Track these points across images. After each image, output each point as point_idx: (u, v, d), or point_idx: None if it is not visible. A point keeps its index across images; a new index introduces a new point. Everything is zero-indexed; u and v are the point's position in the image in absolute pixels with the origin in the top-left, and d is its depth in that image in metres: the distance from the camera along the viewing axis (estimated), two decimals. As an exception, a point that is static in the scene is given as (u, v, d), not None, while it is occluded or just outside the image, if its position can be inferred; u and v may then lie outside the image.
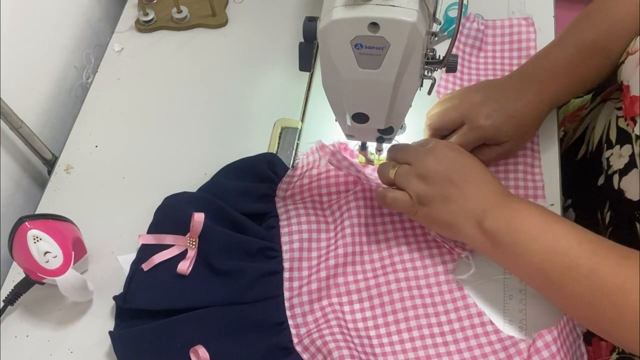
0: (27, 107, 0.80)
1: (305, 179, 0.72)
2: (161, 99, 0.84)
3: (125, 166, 0.78)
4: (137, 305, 0.65)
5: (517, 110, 0.67)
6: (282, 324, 0.64)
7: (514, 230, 0.59)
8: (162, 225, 0.70)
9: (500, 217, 0.60)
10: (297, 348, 0.62)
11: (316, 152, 0.73)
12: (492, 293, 0.66)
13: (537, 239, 0.58)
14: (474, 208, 0.61)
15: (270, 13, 0.91)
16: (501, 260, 0.62)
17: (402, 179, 0.64)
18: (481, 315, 0.64)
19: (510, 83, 0.70)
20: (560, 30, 0.75)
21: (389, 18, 0.52)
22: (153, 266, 0.67)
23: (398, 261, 0.68)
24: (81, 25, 0.92)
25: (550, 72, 0.69)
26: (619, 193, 0.67)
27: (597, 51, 0.69)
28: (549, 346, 0.59)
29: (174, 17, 0.90)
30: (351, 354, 0.60)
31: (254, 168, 0.73)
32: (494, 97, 0.68)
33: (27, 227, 0.64)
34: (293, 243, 0.68)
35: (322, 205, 0.72)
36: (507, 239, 0.59)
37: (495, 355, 0.61)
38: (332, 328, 0.62)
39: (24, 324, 0.68)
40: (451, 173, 0.62)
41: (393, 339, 0.63)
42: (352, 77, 0.57)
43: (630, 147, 0.66)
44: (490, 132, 0.68)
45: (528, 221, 0.59)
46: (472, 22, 0.83)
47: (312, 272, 0.67)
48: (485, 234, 0.61)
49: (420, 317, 0.64)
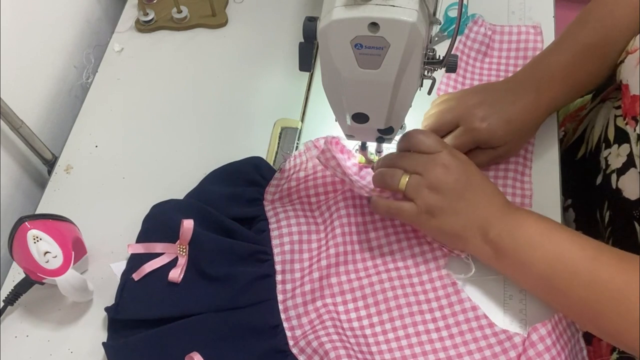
0: (27, 107, 0.80)
1: (292, 182, 0.72)
2: (161, 99, 0.84)
3: (125, 166, 0.78)
4: (130, 316, 0.65)
5: (513, 115, 0.67)
6: (277, 327, 0.64)
7: (516, 240, 0.60)
8: (151, 233, 0.69)
9: (504, 228, 0.61)
10: (293, 350, 0.62)
11: (303, 154, 0.73)
12: (492, 293, 0.66)
13: (540, 248, 0.59)
14: (480, 219, 0.62)
15: (270, 13, 0.91)
16: (505, 270, 0.63)
17: (413, 190, 0.63)
18: (475, 310, 0.64)
19: (508, 87, 0.70)
20: (560, 31, 0.75)
21: (389, 18, 0.52)
22: (144, 275, 0.66)
23: (390, 260, 0.68)
24: (81, 25, 0.92)
25: (547, 78, 0.69)
26: (616, 192, 0.67)
27: (594, 55, 0.69)
28: (543, 339, 0.60)
29: (174, 17, 0.90)
30: (348, 353, 0.60)
31: (241, 172, 0.73)
32: (490, 101, 0.68)
33: (27, 227, 0.64)
34: (284, 245, 0.68)
35: (311, 207, 0.72)
36: (510, 250, 0.60)
37: (490, 349, 0.61)
38: (327, 329, 0.62)
39: (24, 324, 0.68)
40: (460, 184, 0.62)
41: (389, 336, 0.63)
42: (352, 77, 0.57)
43: (628, 147, 0.66)
44: (484, 136, 0.67)
45: (531, 231, 0.60)
46: (480, 26, 0.82)
47: (305, 274, 0.67)
48: (489, 245, 0.61)
49: (414, 314, 0.64)
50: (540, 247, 0.59)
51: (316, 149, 0.72)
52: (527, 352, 0.60)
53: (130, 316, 0.65)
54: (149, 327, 0.63)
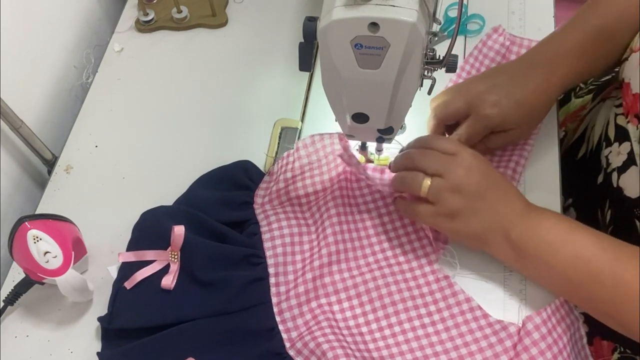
0: (27, 107, 0.80)
1: (280, 183, 0.72)
2: (161, 99, 0.84)
3: (125, 166, 0.78)
4: (123, 325, 0.64)
5: (525, 97, 0.66)
6: (273, 330, 0.64)
7: (538, 241, 0.60)
8: (141, 241, 0.69)
9: (525, 228, 0.61)
10: (290, 352, 0.62)
11: (291, 155, 0.72)
12: (491, 293, 0.66)
13: (561, 249, 0.59)
14: (501, 220, 0.62)
15: (270, 13, 0.91)
16: (527, 271, 0.63)
17: (436, 194, 0.62)
18: (469, 301, 0.64)
19: (518, 68, 0.69)
20: (560, 30, 0.75)
21: (389, 18, 0.51)
22: (136, 283, 0.66)
23: (382, 257, 0.68)
24: (81, 25, 0.92)
25: (560, 55, 0.68)
26: (617, 191, 0.67)
27: (605, 37, 0.68)
28: (539, 328, 0.60)
29: (174, 17, 0.90)
30: (345, 352, 0.60)
31: (230, 177, 0.73)
32: (500, 84, 0.67)
33: (27, 227, 0.64)
34: (276, 248, 0.68)
35: (301, 208, 0.72)
36: (531, 251, 0.60)
37: (486, 340, 0.62)
38: (323, 329, 0.62)
39: (24, 324, 0.68)
40: (482, 186, 0.62)
41: (385, 333, 0.64)
42: (352, 77, 0.57)
43: (629, 145, 0.66)
44: (496, 121, 0.66)
45: (553, 232, 0.60)
46: (499, 35, 0.81)
47: (298, 276, 0.67)
48: (511, 246, 0.61)
49: (409, 309, 0.65)
50: (562, 248, 0.59)
51: (305, 148, 0.72)
52: (522, 341, 0.60)
53: (124, 325, 0.64)
54: (143, 336, 0.63)
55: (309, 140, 0.72)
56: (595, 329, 0.73)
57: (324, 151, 0.72)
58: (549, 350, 0.59)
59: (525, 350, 0.60)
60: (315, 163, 0.72)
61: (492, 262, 0.66)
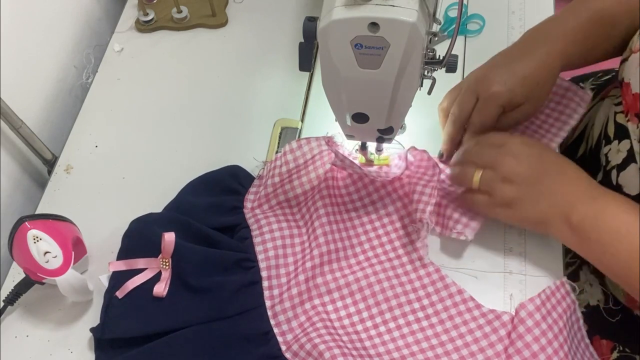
0: (27, 107, 0.80)
1: (269, 187, 0.72)
2: (161, 99, 0.84)
3: (125, 166, 0.78)
4: (116, 335, 0.64)
5: (528, 71, 0.66)
6: (268, 334, 0.64)
7: (601, 227, 0.59)
8: (131, 250, 0.68)
9: (588, 211, 0.60)
10: (286, 355, 0.62)
11: (279, 159, 0.72)
12: (492, 291, 0.66)
13: (625, 238, 0.58)
14: (562, 203, 0.61)
15: (270, 13, 0.91)
16: (588, 255, 0.62)
17: (488, 185, 0.63)
18: (462, 293, 0.64)
19: (516, 47, 0.69)
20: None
21: (389, 18, 0.52)
22: (128, 292, 0.65)
23: (372, 255, 0.68)
24: (81, 25, 0.92)
25: (560, 32, 0.68)
26: (617, 188, 0.67)
27: (605, 20, 0.68)
28: (532, 315, 0.60)
29: (174, 17, 0.90)
30: (342, 352, 0.60)
31: (220, 182, 0.73)
32: (500, 64, 0.67)
33: (27, 227, 0.64)
34: (268, 251, 0.68)
35: (291, 210, 0.72)
36: (593, 235, 0.59)
37: (480, 330, 0.62)
38: (318, 330, 0.62)
39: (24, 324, 0.68)
40: (534, 171, 0.62)
41: (380, 329, 0.64)
42: (352, 77, 0.57)
43: (628, 142, 0.66)
44: (505, 97, 0.66)
45: (617, 219, 0.59)
46: None
47: (291, 278, 0.67)
48: (572, 230, 0.60)
49: (403, 304, 0.65)
50: (627, 237, 0.57)
51: (291, 152, 0.71)
52: (517, 329, 0.60)
53: (117, 335, 0.64)
54: (137, 345, 0.62)
55: (296, 145, 0.72)
56: (594, 328, 0.73)
57: (310, 154, 0.72)
58: (543, 336, 0.60)
59: (520, 337, 0.60)
60: (302, 166, 0.72)
61: (492, 262, 0.66)
